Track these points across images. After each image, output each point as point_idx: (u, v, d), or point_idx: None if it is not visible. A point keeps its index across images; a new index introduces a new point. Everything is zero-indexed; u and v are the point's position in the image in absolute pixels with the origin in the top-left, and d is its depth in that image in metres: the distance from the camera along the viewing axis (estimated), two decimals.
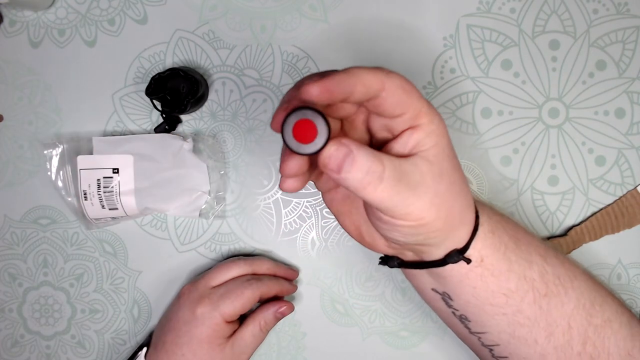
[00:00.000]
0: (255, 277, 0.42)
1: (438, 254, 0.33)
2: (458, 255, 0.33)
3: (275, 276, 0.44)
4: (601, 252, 0.43)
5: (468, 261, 0.33)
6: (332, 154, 0.25)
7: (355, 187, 0.25)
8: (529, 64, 0.43)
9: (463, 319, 0.36)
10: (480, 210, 0.33)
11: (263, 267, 0.43)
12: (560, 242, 0.43)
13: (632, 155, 0.43)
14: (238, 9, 0.44)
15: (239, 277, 0.42)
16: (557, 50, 0.43)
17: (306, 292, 0.45)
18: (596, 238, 0.43)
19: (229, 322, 0.40)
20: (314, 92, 0.24)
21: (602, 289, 0.36)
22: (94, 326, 0.47)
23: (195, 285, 0.42)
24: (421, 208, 0.28)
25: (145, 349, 0.42)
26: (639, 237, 0.43)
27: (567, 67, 0.43)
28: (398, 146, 0.28)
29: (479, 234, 0.32)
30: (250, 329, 0.41)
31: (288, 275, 0.44)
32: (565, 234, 0.43)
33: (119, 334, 0.46)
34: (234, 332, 0.41)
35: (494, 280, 0.33)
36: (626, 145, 0.43)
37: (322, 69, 0.44)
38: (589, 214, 0.43)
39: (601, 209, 0.43)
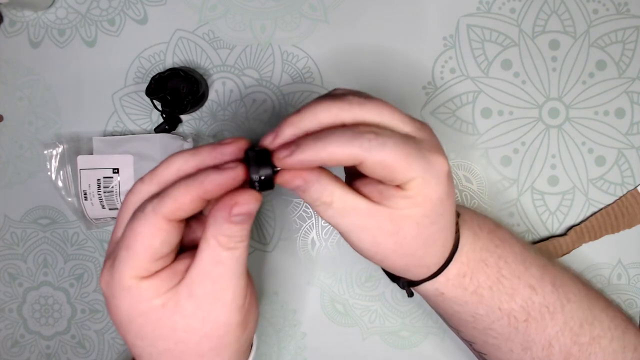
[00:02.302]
0: (155, 195, 0.26)
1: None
2: (404, 285, 0.34)
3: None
4: (601, 252, 0.43)
5: (410, 294, 0.34)
6: (294, 176, 0.27)
7: (309, 204, 0.28)
8: (529, 64, 0.43)
9: (439, 313, 0.36)
10: (460, 251, 0.32)
11: (170, 170, 0.27)
12: (560, 242, 0.43)
13: (632, 155, 0.43)
14: (238, 9, 0.44)
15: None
16: (557, 50, 0.43)
17: (306, 292, 0.45)
18: (596, 238, 0.43)
19: (146, 278, 0.26)
20: (285, 163, 0.26)
21: (597, 305, 0.35)
22: (94, 326, 0.47)
23: (107, 249, 0.29)
24: (357, 242, 0.29)
25: None
26: (639, 237, 0.43)
27: (567, 67, 0.43)
28: (372, 189, 0.28)
29: (438, 278, 0.32)
30: (207, 257, 0.26)
31: (217, 155, 0.27)
32: (564, 233, 0.43)
33: (119, 334, 0.46)
34: (182, 274, 0.27)
35: (458, 307, 0.33)
36: (626, 145, 0.43)
37: (322, 69, 0.44)
38: (589, 214, 0.43)
39: (601, 209, 0.43)
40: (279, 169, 0.26)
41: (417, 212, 0.27)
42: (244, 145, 0.26)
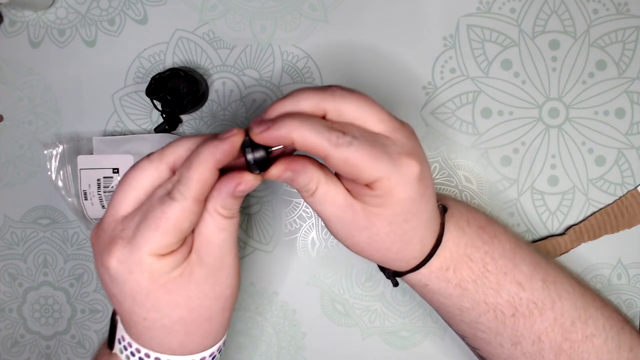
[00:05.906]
0: (175, 178, 0.28)
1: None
2: (389, 275, 0.35)
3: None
4: (601, 252, 0.43)
5: (395, 284, 0.35)
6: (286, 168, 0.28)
7: (296, 189, 0.30)
8: (529, 64, 0.43)
9: (429, 304, 0.36)
10: (443, 246, 0.32)
11: (180, 150, 0.28)
12: (559, 241, 0.43)
13: (632, 155, 0.43)
14: (238, 9, 0.44)
15: (156, 190, 0.28)
16: (557, 50, 0.43)
17: (306, 292, 0.45)
18: (595, 238, 0.43)
19: (165, 255, 0.27)
20: (256, 130, 0.27)
21: (593, 304, 0.35)
22: (94, 326, 0.47)
23: (101, 224, 0.29)
24: (335, 232, 0.31)
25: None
26: (639, 237, 0.43)
27: (567, 67, 0.43)
28: (348, 184, 0.29)
29: (421, 270, 0.32)
30: (211, 225, 0.28)
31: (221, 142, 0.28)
32: (563, 233, 0.43)
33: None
34: (191, 244, 0.29)
35: (443, 299, 0.33)
36: (626, 145, 0.43)
37: (322, 69, 0.44)
38: (589, 214, 0.43)
39: (600, 209, 0.43)
40: (272, 149, 0.28)
41: (387, 211, 0.28)
42: (240, 133, 0.28)
